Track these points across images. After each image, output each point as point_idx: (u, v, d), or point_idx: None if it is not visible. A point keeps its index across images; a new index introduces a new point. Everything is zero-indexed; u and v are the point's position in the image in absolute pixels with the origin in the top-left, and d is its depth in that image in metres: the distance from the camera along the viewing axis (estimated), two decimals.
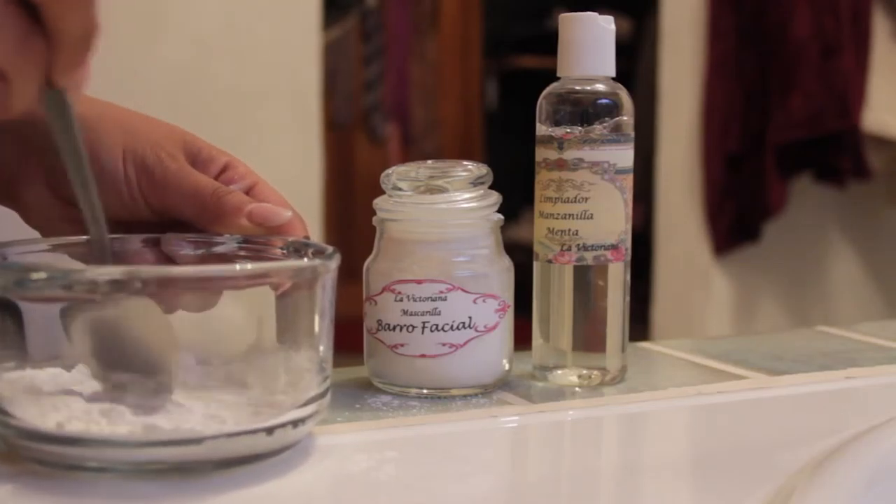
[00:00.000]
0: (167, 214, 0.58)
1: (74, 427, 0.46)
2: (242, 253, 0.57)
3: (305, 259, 0.54)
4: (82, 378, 0.51)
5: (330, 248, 0.53)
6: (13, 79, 0.44)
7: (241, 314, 0.53)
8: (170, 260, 0.57)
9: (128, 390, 0.49)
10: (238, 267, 0.52)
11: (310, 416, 0.51)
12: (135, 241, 0.58)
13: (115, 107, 0.60)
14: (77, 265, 0.54)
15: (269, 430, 0.48)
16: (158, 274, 0.48)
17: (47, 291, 0.47)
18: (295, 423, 0.50)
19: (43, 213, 0.59)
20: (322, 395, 0.52)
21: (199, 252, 0.57)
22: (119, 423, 0.47)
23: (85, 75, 0.47)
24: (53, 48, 0.44)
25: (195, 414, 0.48)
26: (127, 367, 0.49)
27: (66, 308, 0.50)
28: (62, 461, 0.47)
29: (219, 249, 0.57)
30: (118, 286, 0.46)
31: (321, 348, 0.52)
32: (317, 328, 0.51)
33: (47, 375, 0.51)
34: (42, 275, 0.46)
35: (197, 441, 0.47)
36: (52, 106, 0.47)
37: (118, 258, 0.56)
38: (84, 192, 0.50)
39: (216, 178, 0.59)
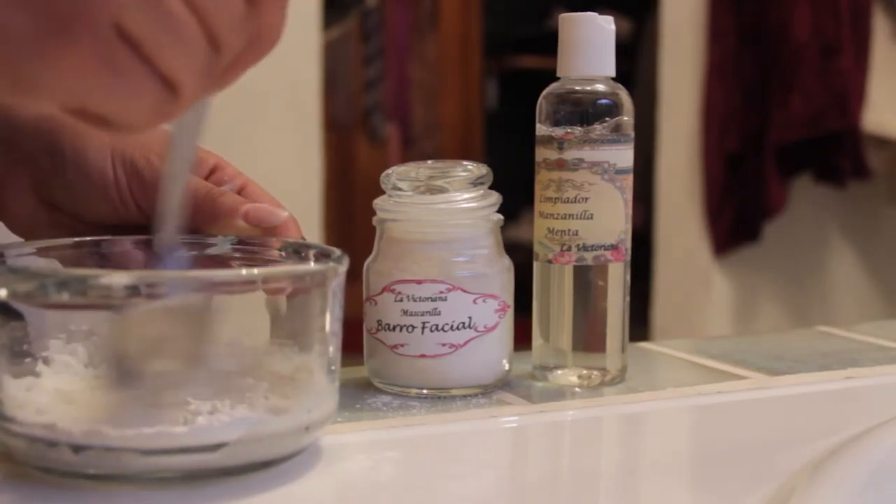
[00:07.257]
0: None
1: (80, 434, 0.45)
2: (237, 255, 0.56)
3: (313, 262, 0.53)
4: (79, 382, 0.50)
5: (337, 251, 0.52)
6: (225, 51, 0.43)
7: (250, 317, 0.52)
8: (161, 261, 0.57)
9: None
10: (257, 271, 0.51)
11: (322, 420, 0.50)
12: (125, 243, 0.57)
13: None
14: (91, 271, 0.53)
15: (283, 436, 0.48)
16: (194, 279, 0.47)
17: (63, 298, 0.45)
18: (308, 427, 0.49)
19: (30, 219, 0.58)
20: (332, 398, 0.51)
21: (192, 254, 0.56)
22: (129, 429, 0.45)
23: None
24: (251, 44, 0.44)
25: (208, 420, 0.46)
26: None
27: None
28: (68, 469, 0.46)
29: (212, 251, 0.56)
30: (142, 291, 0.45)
31: (331, 350, 0.51)
32: (327, 331, 0.51)
33: (50, 380, 0.50)
34: (55, 280, 0.45)
35: (213, 448, 0.46)
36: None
37: (107, 260, 0.55)
38: (175, 189, 0.49)
39: (205, 179, 0.59)
